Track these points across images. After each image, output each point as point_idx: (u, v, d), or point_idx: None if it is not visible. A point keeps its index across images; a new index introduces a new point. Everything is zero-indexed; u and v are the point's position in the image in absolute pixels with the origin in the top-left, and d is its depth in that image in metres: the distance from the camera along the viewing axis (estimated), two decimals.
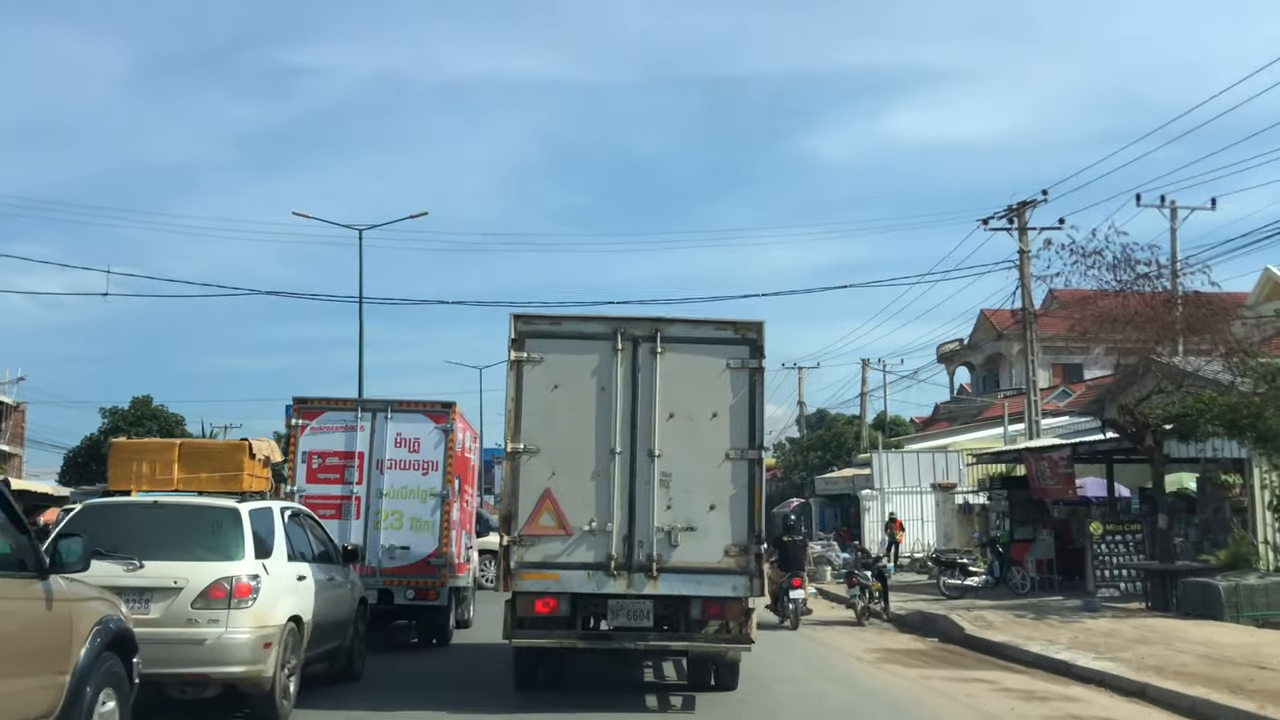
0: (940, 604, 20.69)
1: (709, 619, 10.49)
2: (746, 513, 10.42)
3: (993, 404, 58.56)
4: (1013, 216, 31.86)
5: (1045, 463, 23.07)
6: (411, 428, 15.04)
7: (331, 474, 14.87)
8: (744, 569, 10.35)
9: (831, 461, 50.37)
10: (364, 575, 13.80)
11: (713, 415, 10.57)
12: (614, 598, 10.43)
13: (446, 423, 14.95)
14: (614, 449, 10.53)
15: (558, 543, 10.44)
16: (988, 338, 60.71)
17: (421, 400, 15.21)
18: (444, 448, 14.96)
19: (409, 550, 14.74)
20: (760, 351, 10.65)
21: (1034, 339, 31.30)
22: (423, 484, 14.94)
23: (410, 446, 14.99)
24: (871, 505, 36.46)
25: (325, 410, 15.08)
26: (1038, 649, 14.01)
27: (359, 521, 14.77)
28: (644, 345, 10.67)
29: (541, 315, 11.32)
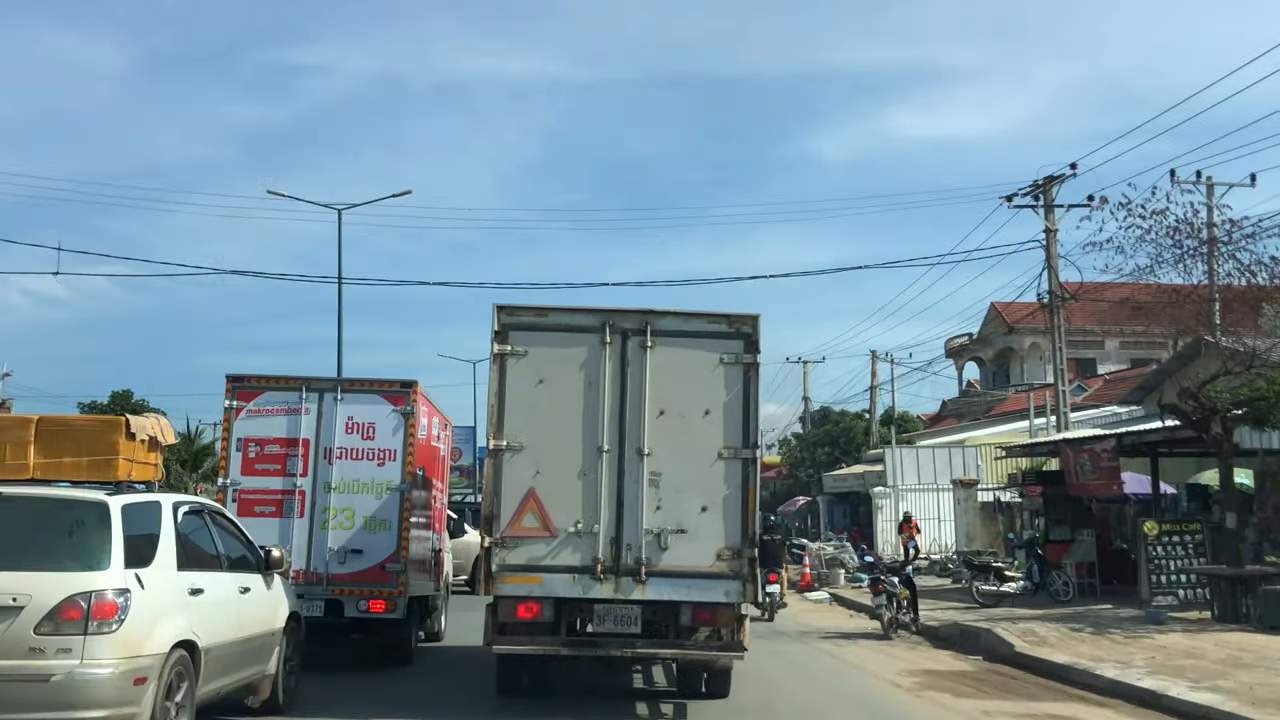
0: (974, 613, 18.72)
1: (700, 625, 10.07)
2: (740, 514, 9.97)
3: (1005, 399, 56.41)
4: (1038, 193, 29.23)
5: (1086, 455, 20.55)
6: (365, 411, 12.80)
7: (271, 464, 12.67)
8: (737, 573, 9.87)
9: (840, 458, 47.78)
10: (307, 583, 12.09)
11: (705, 412, 10.09)
12: (600, 603, 9.94)
13: (406, 405, 12.68)
14: (601, 447, 10.00)
15: (542, 544, 9.95)
16: (998, 332, 58.36)
17: (377, 379, 12.62)
18: (403, 434, 12.67)
19: (362, 554, 12.49)
20: (755, 346, 10.19)
21: (1060, 325, 28.54)
22: (378, 476, 12.69)
23: (364, 432, 12.78)
24: (884, 503, 34.46)
25: (264, 390, 12.78)
26: (1112, 673, 11.82)
27: (303, 520, 12.54)
28: (633, 338, 10.20)
29: (526, 306, 10.50)
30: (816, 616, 21.06)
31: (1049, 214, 29.81)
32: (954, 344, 59.62)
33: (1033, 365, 59.04)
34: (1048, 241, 29.70)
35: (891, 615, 16.83)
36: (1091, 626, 15.75)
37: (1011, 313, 52.29)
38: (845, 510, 43.09)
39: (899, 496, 33.57)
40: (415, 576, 12.83)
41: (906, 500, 33.61)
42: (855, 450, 47.87)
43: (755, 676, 11.88)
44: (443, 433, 14.96)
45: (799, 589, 26.63)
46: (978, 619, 17.29)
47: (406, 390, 12.59)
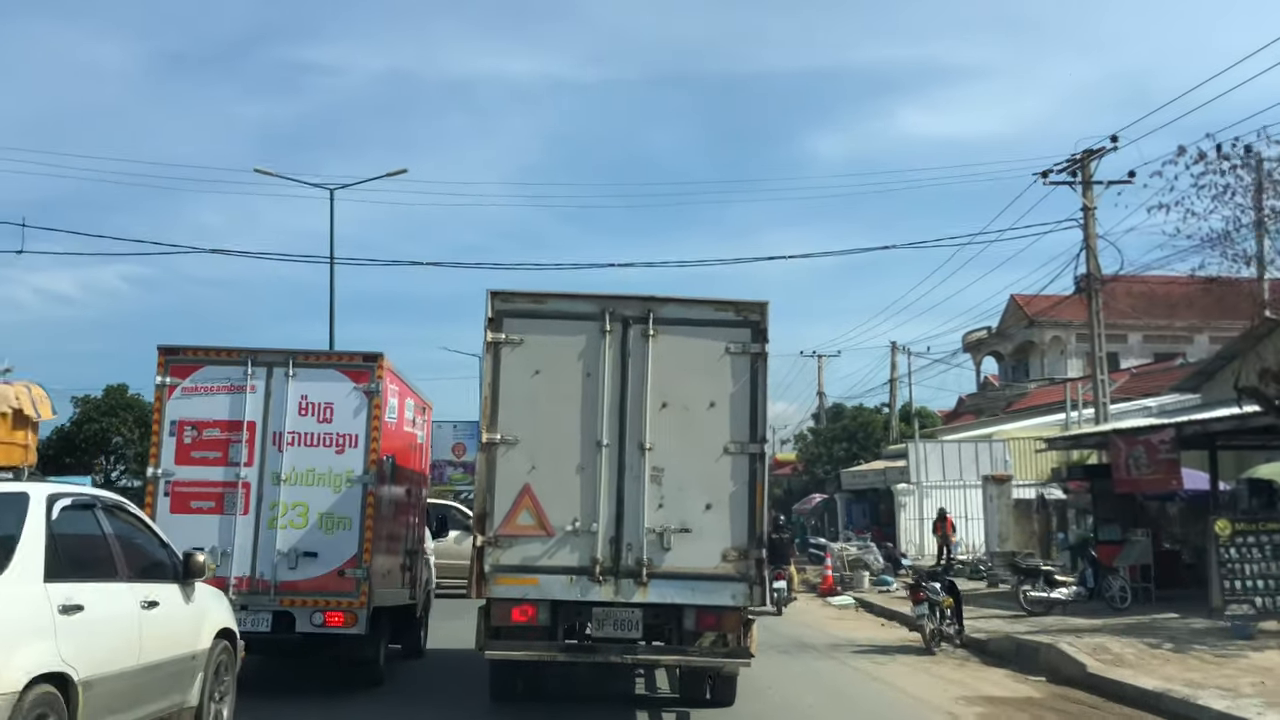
0: (1023, 623, 16.77)
1: (704, 630, 9.65)
2: (747, 513, 9.54)
3: (1026, 393, 54.19)
4: (1076, 168, 26.88)
5: (1140, 447, 18.33)
6: (322, 389, 11.02)
7: (210, 452, 10.87)
8: (744, 575, 9.45)
9: (858, 454, 45.42)
10: (252, 592, 10.49)
11: (710, 404, 9.69)
12: (599, 605, 9.49)
13: (370, 382, 10.98)
14: (601, 441, 9.56)
15: (537, 544, 9.50)
16: (1018, 325, 55.97)
17: (334, 351, 10.42)
18: (367, 416, 10.93)
19: (317, 558, 10.71)
20: (763, 335, 9.76)
21: (1099, 309, 26.24)
22: (337, 466, 10.88)
23: (320, 414, 11.01)
24: (908, 501, 32.70)
25: (203, 363, 11.03)
26: (1220, 704, 10.08)
27: (247, 517, 10.74)
28: (635, 327, 9.78)
29: (522, 292, 9.97)
30: (844, 625, 19.16)
31: (1087, 190, 27.47)
32: (972, 338, 57.48)
33: (1054, 359, 56.92)
34: (1085, 221, 27.52)
35: (934, 627, 14.60)
36: (1168, 641, 13.83)
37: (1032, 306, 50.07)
38: (864, 508, 40.97)
39: (923, 493, 31.97)
40: (383, 584, 11.17)
41: (931, 497, 31.97)
42: (874, 446, 45.61)
43: (785, 706, 11.01)
44: (420, 418, 12.83)
45: (820, 592, 24.39)
46: (1030, 630, 15.39)
47: (370, 365, 10.54)
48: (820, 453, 48.56)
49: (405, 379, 11.97)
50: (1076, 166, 27.85)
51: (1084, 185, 27.85)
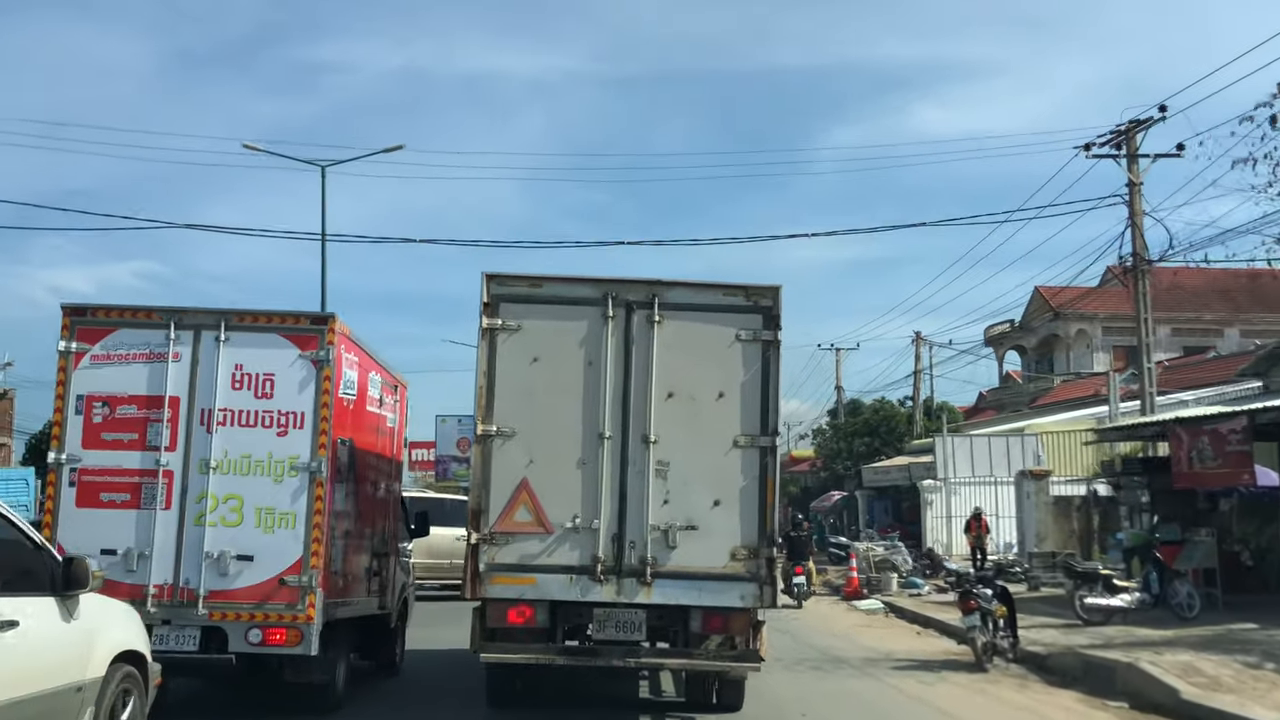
0: (1081, 633, 15.27)
1: (711, 632, 9.17)
2: (757, 509, 9.06)
3: (1050, 388, 52.11)
4: (1120, 141, 24.79)
5: (1206, 438, 16.17)
6: (261, 357, 9.24)
7: (125, 433, 9.06)
8: (754, 575, 8.98)
9: (880, 449, 43.23)
10: (175, 604, 8.82)
11: (719, 395, 9.20)
12: (600, 606, 9.07)
13: (319, 349, 9.23)
14: (603, 433, 9.11)
15: (535, 541, 9.03)
16: (1042, 318, 53.86)
17: (276, 311, 8.40)
18: (315, 390, 9.15)
19: (253, 562, 8.93)
20: (776, 321, 9.25)
21: (1146, 291, 24.13)
22: (279, 451, 9.10)
23: (258, 388, 9.21)
24: (934, 498, 31.27)
25: (116, 326, 9.24)
26: None
27: (169, 513, 8.96)
28: (639, 312, 9.29)
29: (519, 276, 9.40)
30: (876, 634, 17.76)
31: (1132, 165, 25.46)
32: (994, 331, 55.46)
33: (1079, 353, 55.04)
34: (1130, 197, 25.47)
35: (987, 640, 12.49)
36: (1268, 660, 12.13)
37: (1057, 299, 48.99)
38: (886, 506, 38.99)
39: (950, 490, 30.44)
40: (340, 592, 9.64)
41: (959, 494, 30.48)
42: (897, 441, 43.39)
43: None
44: (390, 397, 10.92)
45: (844, 595, 22.34)
46: (1093, 642, 13.84)
47: (319, 328, 8.68)
48: (840, 448, 46.43)
49: (370, 350, 9.97)
50: (1121, 139, 25.65)
51: (1129, 159, 25.86)
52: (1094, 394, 43.53)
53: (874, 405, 49.84)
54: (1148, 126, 25.73)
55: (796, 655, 14.11)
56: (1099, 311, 52.55)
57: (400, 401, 11.89)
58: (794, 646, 15.07)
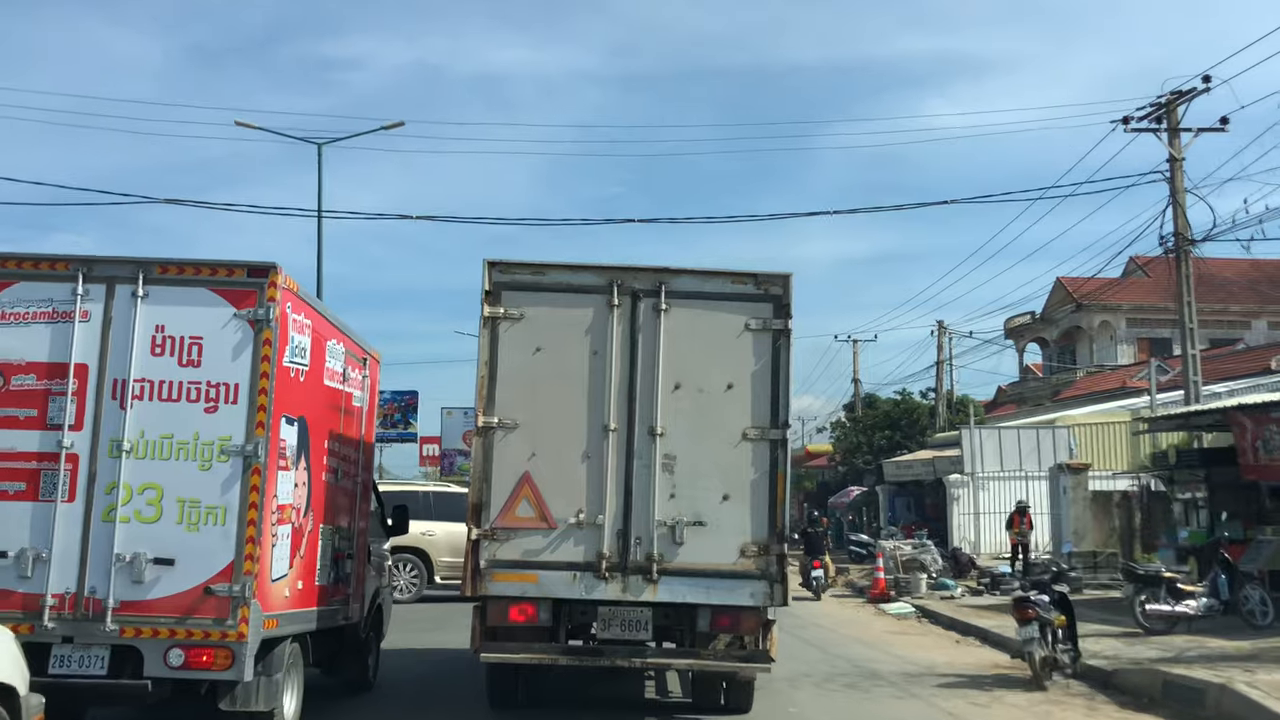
0: (1145, 643, 13.70)
1: (720, 632, 8.98)
2: (767, 504, 8.81)
3: (1072, 381, 50.22)
4: (1161, 115, 23.02)
5: (1276, 425, 14.32)
6: (187, 316, 7.56)
7: (21, 409, 7.40)
8: (763, 572, 8.74)
9: (902, 443, 41.34)
10: (78, 617, 7.16)
11: (728, 386, 8.97)
12: (605, 605, 8.85)
13: (257, 306, 7.61)
14: (608, 425, 8.87)
15: (538, 537, 8.78)
16: (1064, 309, 52.13)
17: (206, 261, 6.64)
18: (253, 356, 7.51)
19: (174, 566, 7.27)
20: (787, 310, 8.99)
21: (1189, 274, 22.39)
22: (207, 430, 7.44)
23: (183, 353, 7.54)
24: (961, 493, 29.71)
25: (14, 280, 7.59)
26: None
27: (72, 505, 7.33)
28: (646, 300, 9.05)
29: (522, 263, 9.09)
30: (911, 643, 16.29)
31: (1174, 139, 23.72)
32: (1014, 323, 53.74)
33: (1102, 345, 53.44)
34: (1172, 173, 23.73)
35: (1046, 653, 10.74)
36: None
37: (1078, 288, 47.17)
38: (909, 501, 37.43)
39: (977, 485, 28.97)
40: (285, 602, 8.00)
41: (987, 489, 29.10)
42: (919, 434, 41.46)
43: None
44: (357, 372, 9.26)
45: (870, 597, 20.57)
46: (1163, 655, 12.42)
47: (257, 282, 6.96)
48: (860, 442, 44.29)
49: (331, 314, 8.26)
50: (1161, 112, 23.97)
51: (1170, 133, 24.35)
52: (1121, 386, 41.88)
53: (894, 399, 47.62)
54: (1190, 98, 24.23)
55: (827, 669, 12.50)
56: (1123, 303, 51.06)
57: (371, 378, 10.21)
58: (823, 659, 13.43)
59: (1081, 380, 48.89)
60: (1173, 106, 24.38)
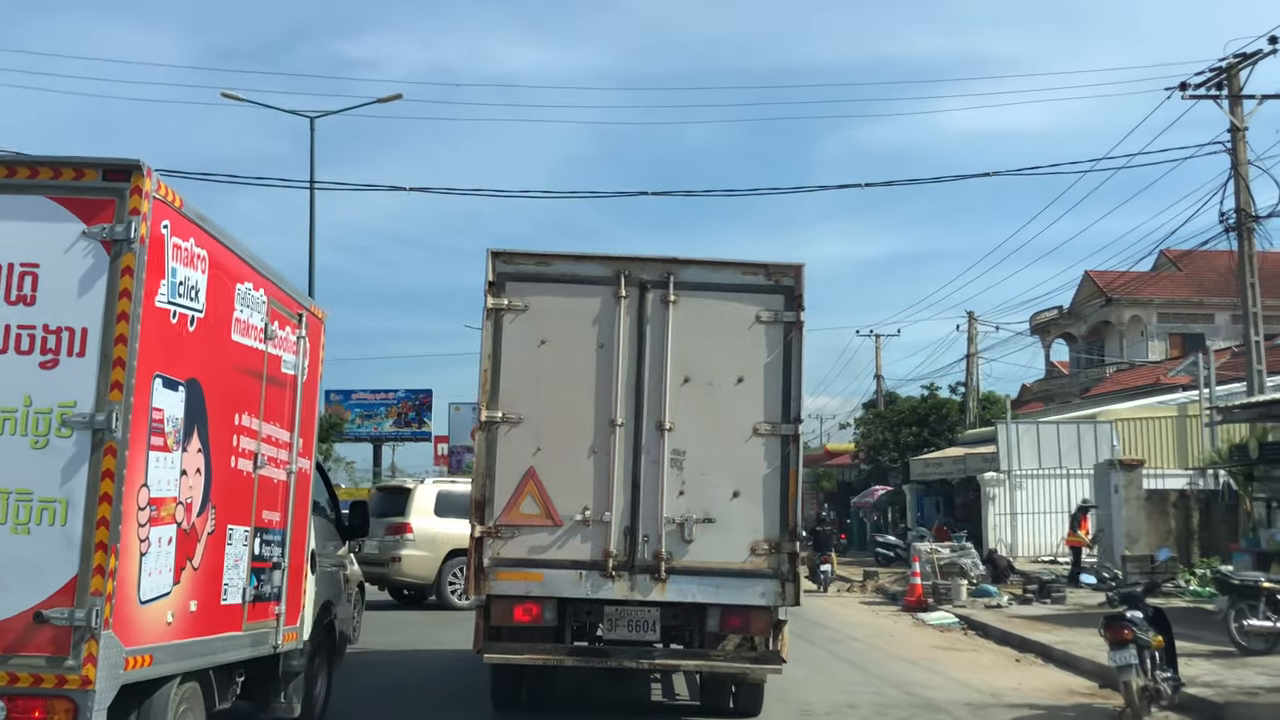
0: (1248, 666, 11.94)
1: (729, 632, 8.84)
2: (779, 501, 8.68)
3: (1102, 379, 48.19)
4: (1222, 80, 20.94)
5: None
6: (12, 234, 5.29)
7: None
8: (775, 571, 8.64)
9: (931, 439, 39.00)
10: None
11: (738, 380, 8.81)
12: (612, 604, 8.77)
13: (116, 222, 5.29)
14: (615, 420, 8.76)
15: (543, 535, 8.66)
16: (1093, 304, 49.81)
17: (44, 159, 4.32)
18: (106, 289, 5.22)
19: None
20: (798, 301, 8.86)
21: (1251, 254, 20.31)
22: (42, 393, 5.15)
23: (9, 285, 5.24)
24: (997, 492, 27.99)
25: None
26: None
27: None
28: (654, 291, 8.92)
29: (526, 253, 9.00)
30: (965, 661, 14.11)
31: (1235, 107, 21.65)
32: (1041, 318, 51.47)
33: (1133, 340, 51.23)
34: (1234, 143, 21.71)
35: (1145, 682, 8.59)
36: None
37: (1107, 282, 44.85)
38: (937, 501, 35.29)
39: (1014, 483, 27.46)
40: (164, 631, 5.74)
41: (1024, 488, 27.45)
42: (948, 431, 39.11)
43: None
44: (288, 330, 7.06)
45: (906, 605, 18.44)
46: (1275, 682, 10.88)
47: (116, 187, 4.61)
48: (886, 439, 41.77)
49: (245, 250, 6.14)
50: (1223, 78, 21.86)
51: (1231, 100, 23.39)
52: (1155, 383, 39.80)
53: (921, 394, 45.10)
54: (1254, 61, 21.92)
55: (874, 698, 10.64)
56: (1154, 297, 49.10)
57: (311, 341, 7.98)
58: (865, 683, 11.51)
59: (1112, 377, 46.90)
60: (1234, 71, 22.37)
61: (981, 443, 32.83)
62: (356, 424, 52.41)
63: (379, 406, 53.18)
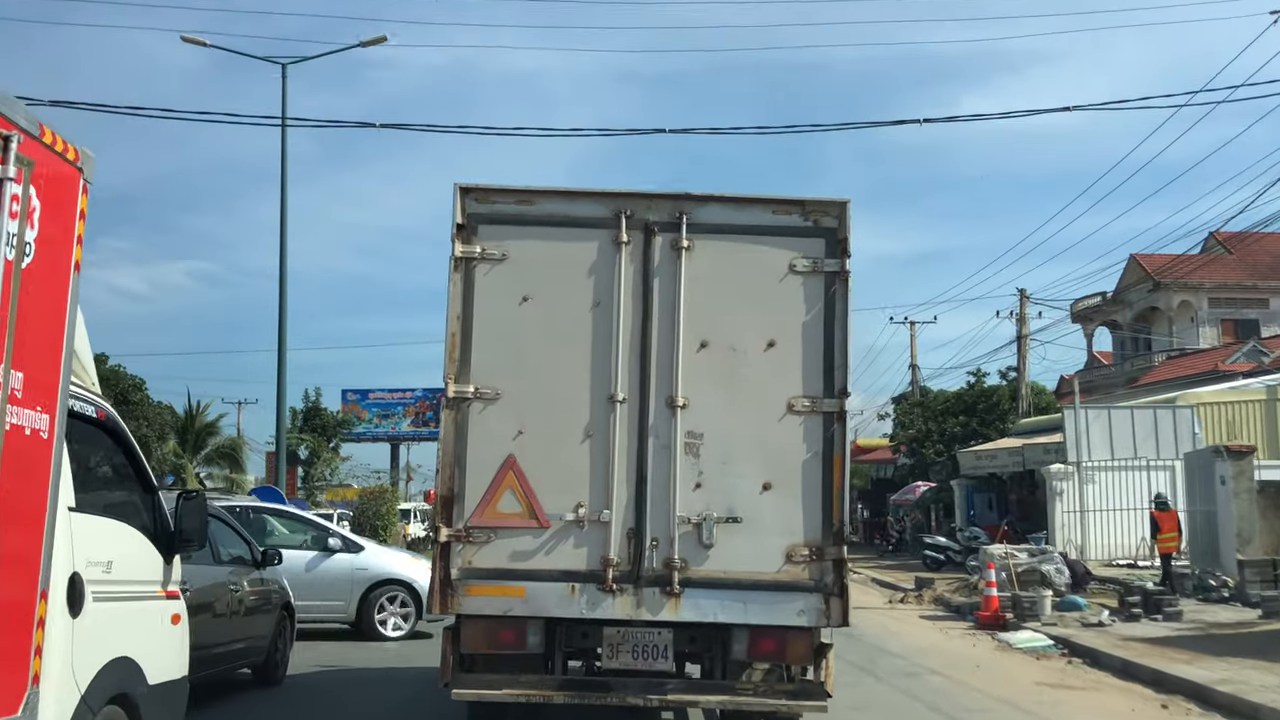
0: None
1: (760, 659, 7.61)
2: (821, 495, 7.35)
3: (1150, 368, 45.70)
4: None
5: None
6: None
7: None
8: (817, 583, 7.30)
9: (980, 430, 35.90)
10: None
11: (769, 344, 7.48)
12: (613, 625, 7.45)
13: None
14: (614, 395, 7.48)
15: (526, 539, 7.38)
16: (1139, 289, 46.87)
17: None
18: None
19: None
20: (843, 246, 7.55)
21: None
22: None
23: None
24: (1064, 487, 24.73)
25: None
26: None
27: None
28: (663, 235, 7.62)
29: (505, 188, 7.70)
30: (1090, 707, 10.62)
31: None
32: (1083, 305, 48.51)
33: (1183, 327, 48.54)
34: None
35: None
36: None
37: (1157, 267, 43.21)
38: (989, 498, 32.70)
39: (1084, 477, 24.06)
40: None
41: (1095, 482, 24.02)
42: (999, 420, 35.89)
43: None
44: None
45: (980, 622, 15.42)
46: None
47: None
48: (930, 429, 38.30)
49: None
50: None
51: None
52: (1212, 370, 37.09)
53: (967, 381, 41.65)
54: None
55: None
56: (1205, 281, 46.42)
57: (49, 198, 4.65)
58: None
59: (1162, 365, 44.23)
60: None
61: (1041, 432, 30.19)
62: (374, 424, 51.75)
63: (396, 406, 52.95)
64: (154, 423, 39.82)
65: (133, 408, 38.94)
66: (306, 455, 45.76)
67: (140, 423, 38.95)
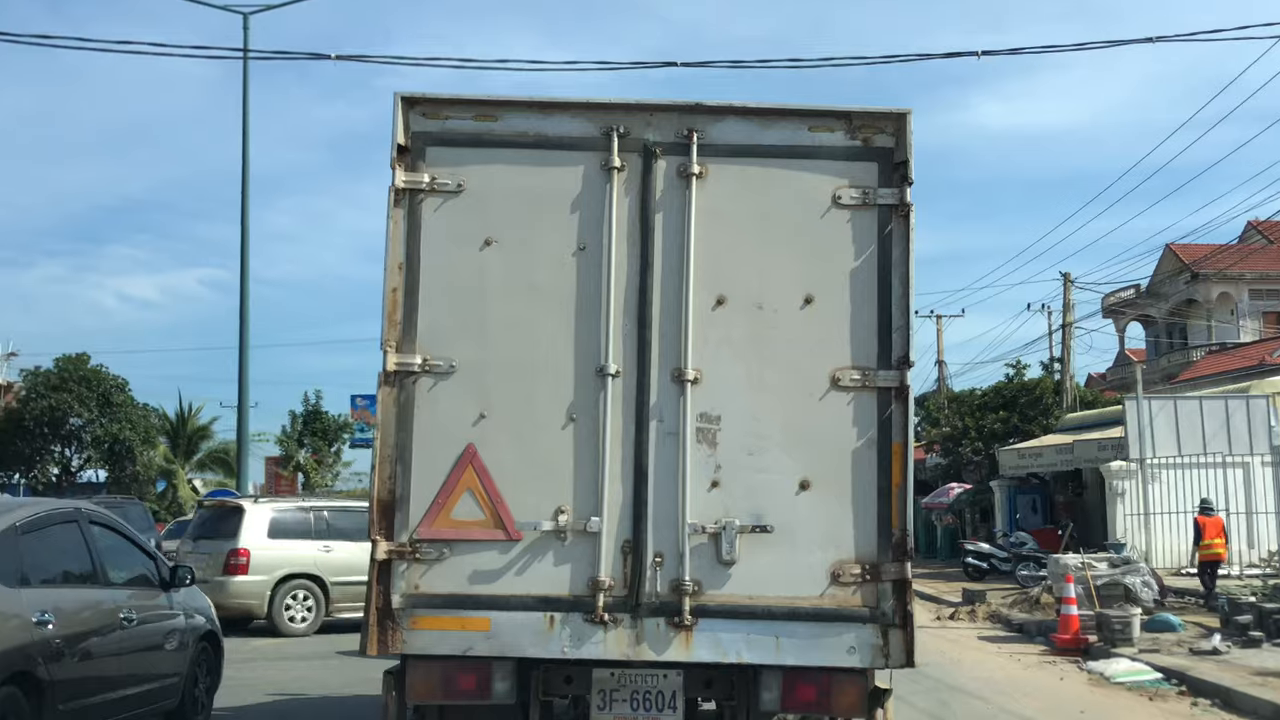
0: None
1: (797, 709, 6.26)
2: (876, 496, 5.93)
3: (1191, 363, 43.49)
4: None
5: None
6: None
7: None
8: (872, 610, 5.89)
9: (1021, 426, 33.40)
10: None
11: (805, 300, 6.03)
12: (605, 667, 6.08)
13: None
14: (604, 367, 6.08)
15: (492, 554, 5.97)
16: (1175, 281, 44.57)
17: None
18: None
19: None
20: (903, 172, 6.00)
21: None
22: None
23: None
24: (1127, 486, 22.53)
25: None
26: None
27: None
28: (667, 160, 6.15)
29: (459, 98, 6.28)
30: None
31: None
32: (1115, 299, 46.33)
33: (1222, 320, 46.21)
34: None
35: None
36: None
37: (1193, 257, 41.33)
38: (1034, 501, 30.57)
39: (1148, 475, 21.25)
40: None
41: (1159, 480, 21.23)
42: (1043, 416, 33.36)
43: None
44: None
45: (1059, 646, 13.31)
46: None
47: None
48: (966, 426, 35.54)
49: None
50: None
51: None
52: (1258, 364, 35.19)
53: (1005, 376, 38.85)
54: None
55: None
56: (1245, 271, 44.76)
57: None
58: None
59: (1203, 360, 42.18)
60: None
61: (1091, 427, 27.84)
62: None
63: None
64: (139, 425, 38.61)
65: (115, 409, 37.45)
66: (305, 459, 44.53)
67: (123, 425, 37.57)
